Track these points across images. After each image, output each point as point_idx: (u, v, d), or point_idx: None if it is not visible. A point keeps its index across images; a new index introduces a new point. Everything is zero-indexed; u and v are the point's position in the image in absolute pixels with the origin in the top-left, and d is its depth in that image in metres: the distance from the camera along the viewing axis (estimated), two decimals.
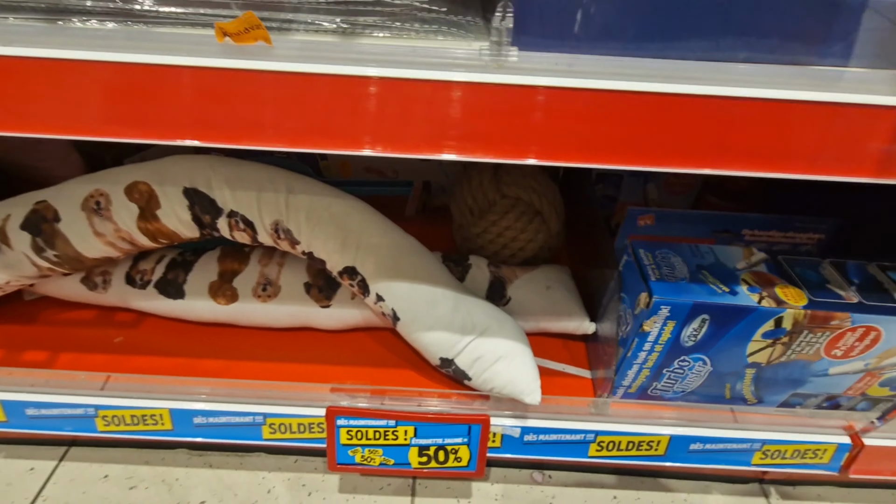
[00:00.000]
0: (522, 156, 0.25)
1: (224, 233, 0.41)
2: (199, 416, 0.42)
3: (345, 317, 0.45)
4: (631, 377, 0.42)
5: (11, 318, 0.48)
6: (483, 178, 0.50)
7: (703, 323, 0.38)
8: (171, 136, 0.25)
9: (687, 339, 0.39)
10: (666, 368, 0.41)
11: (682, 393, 0.44)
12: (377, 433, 0.41)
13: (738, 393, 0.43)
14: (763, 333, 0.38)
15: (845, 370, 0.40)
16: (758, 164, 0.25)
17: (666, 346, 0.39)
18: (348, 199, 0.41)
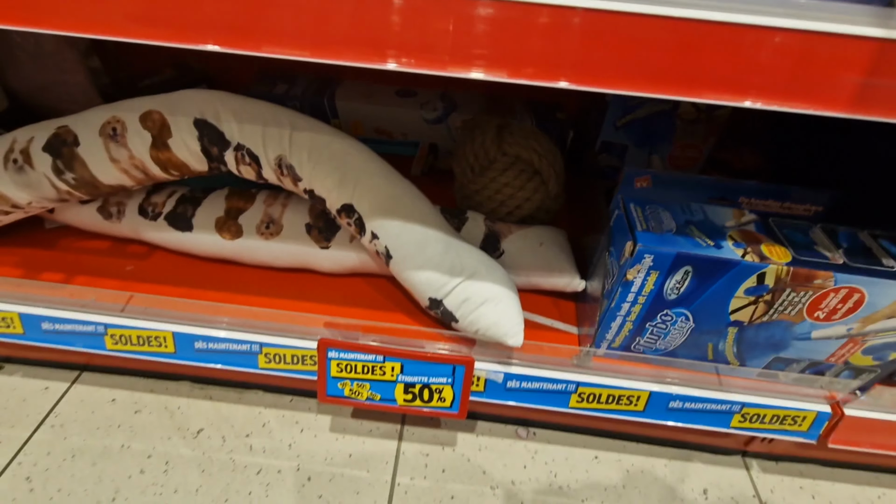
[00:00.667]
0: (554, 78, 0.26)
1: (231, 166, 0.42)
2: (200, 340, 0.44)
3: (342, 259, 0.47)
4: (614, 330, 0.43)
5: (33, 244, 0.51)
6: (486, 137, 0.51)
7: (686, 275, 0.38)
8: (196, 40, 0.26)
9: (670, 292, 0.39)
10: (649, 322, 0.42)
11: (664, 351, 0.44)
12: (366, 367, 0.43)
13: (721, 354, 0.43)
14: (745, 290, 0.38)
15: (828, 334, 0.40)
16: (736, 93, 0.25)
17: (649, 298, 0.40)
18: (349, 139, 0.42)
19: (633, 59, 0.25)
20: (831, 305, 0.38)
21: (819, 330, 0.40)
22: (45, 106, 0.64)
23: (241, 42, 0.27)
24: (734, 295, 0.39)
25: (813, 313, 0.39)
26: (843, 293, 0.37)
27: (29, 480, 0.47)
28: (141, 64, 0.71)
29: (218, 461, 0.49)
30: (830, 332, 0.40)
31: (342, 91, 0.67)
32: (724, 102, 0.26)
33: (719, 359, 0.44)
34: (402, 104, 0.66)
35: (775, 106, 0.25)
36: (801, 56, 0.24)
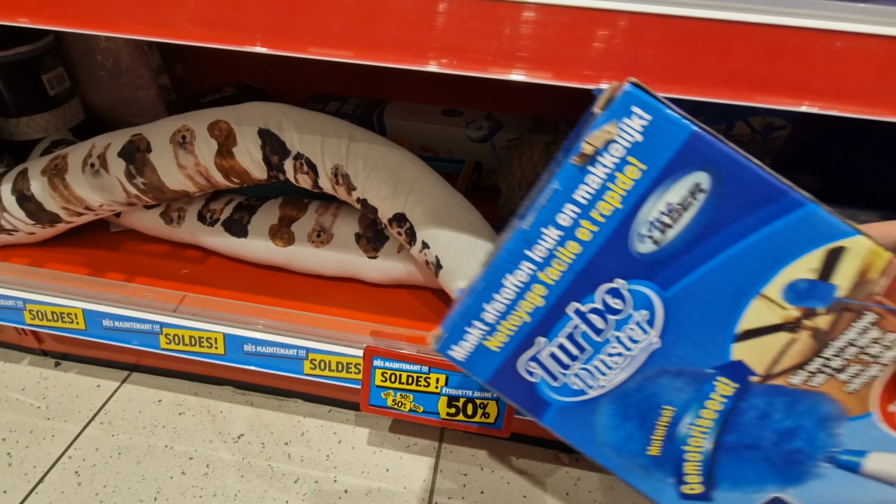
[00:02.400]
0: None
1: (289, 175, 0.44)
2: (250, 343, 0.45)
3: (389, 269, 0.47)
4: (499, 308, 0.23)
5: (98, 245, 0.54)
6: (534, 152, 0.51)
7: (694, 197, 0.20)
8: (245, 42, 0.28)
9: (644, 229, 0.20)
10: (574, 305, 0.21)
11: (578, 396, 0.23)
12: (410, 378, 0.42)
13: (678, 443, 0.22)
14: (789, 285, 0.20)
15: (891, 471, 0.20)
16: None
17: (604, 229, 0.20)
18: (404, 151, 0.43)
19: (674, 61, 0.25)
20: None
21: (884, 455, 0.21)
22: (117, 120, 0.69)
23: (287, 44, 0.28)
24: (764, 285, 0.20)
25: (889, 403, 0.20)
26: None
27: (77, 475, 0.48)
28: (204, 82, 0.76)
29: (257, 467, 0.49)
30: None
31: (390, 109, 0.69)
32: (780, 107, 0.26)
33: (671, 455, 0.22)
34: (448, 122, 0.67)
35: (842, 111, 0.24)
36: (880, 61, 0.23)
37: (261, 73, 0.77)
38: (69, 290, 0.47)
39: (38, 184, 0.46)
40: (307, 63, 0.76)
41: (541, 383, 0.23)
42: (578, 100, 0.72)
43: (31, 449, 0.50)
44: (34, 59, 0.58)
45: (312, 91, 0.77)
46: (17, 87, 0.57)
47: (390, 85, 0.75)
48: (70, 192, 0.46)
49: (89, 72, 0.66)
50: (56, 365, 0.58)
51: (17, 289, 0.47)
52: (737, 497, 0.23)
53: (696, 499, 0.23)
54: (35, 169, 0.46)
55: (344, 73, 0.76)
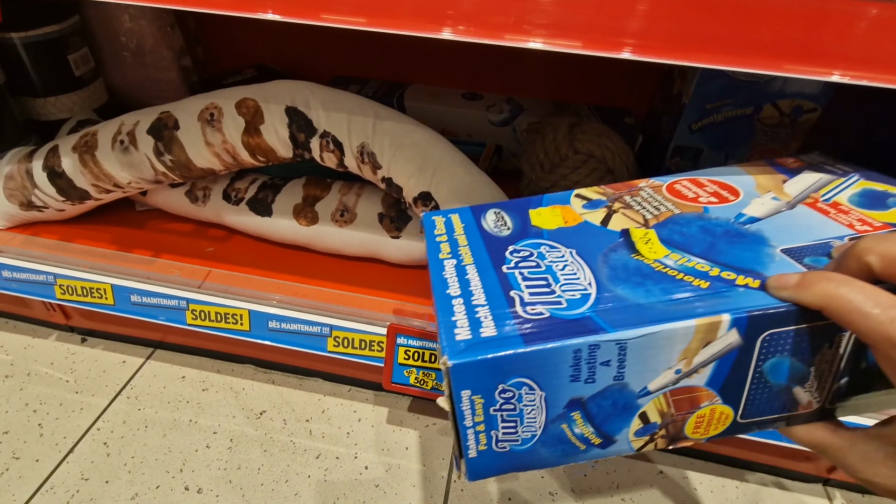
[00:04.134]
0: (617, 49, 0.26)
1: (315, 153, 0.44)
2: (274, 320, 0.45)
3: (411, 249, 0.48)
4: (460, 300, 0.25)
5: (124, 224, 0.55)
6: (557, 134, 0.51)
7: (500, 215, 0.30)
8: (255, 9, 0.27)
9: (495, 229, 0.29)
10: (504, 267, 0.26)
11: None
12: (433, 356, 0.43)
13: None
14: (583, 205, 0.30)
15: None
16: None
17: (472, 241, 0.28)
18: (430, 130, 0.43)
19: (699, 28, 0.24)
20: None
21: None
22: (140, 102, 0.69)
23: (299, 11, 0.27)
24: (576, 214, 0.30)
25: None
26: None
27: (106, 446, 0.49)
28: (224, 65, 0.76)
29: (279, 442, 0.50)
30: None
31: (411, 92, 0.69)
32: (808, 76, 0.25)
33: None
34: (469, 106, 0.67)
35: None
36: None
37: (281, 56, 0.77)
38: (98, 266, 0.48)
39: (69, 160, 0.47)
40: (327, 45, 0.76)
41: (553, 311, 0.24)
42: (599, 84, 0.71)
43: (62, 421, 0.51)
44: (60, 38, 0.58)
45: (332, 74, 0.77)
46: (44, 67, 0.58)
47: (410, 68, 0.75)
48: (100, 168, 0.46)
49: (113, 53, 0.66)
50: (82, 341, 0.59)
51: (48, 263, 0.48)
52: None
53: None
54: (66, 146, 0.47)
55: (364, 56, 0.76)
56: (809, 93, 0.50)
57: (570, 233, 0.28)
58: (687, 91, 0.52)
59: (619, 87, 0.69)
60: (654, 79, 0.67)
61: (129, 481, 0.46)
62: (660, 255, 0.26)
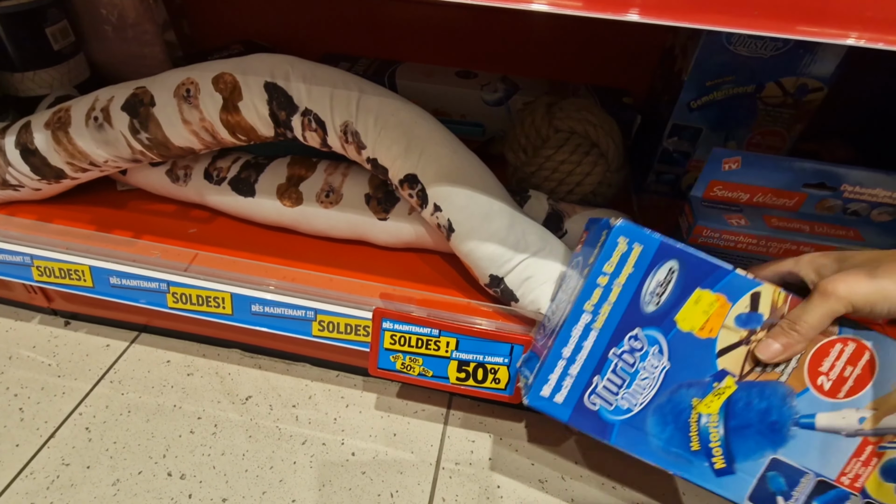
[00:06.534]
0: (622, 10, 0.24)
1: (297, 132, 0.42)
2: (257, 304, 0.44)
3: (399, 232, 0.46)
4: (564, 361, 0.33)
5: (105, 204, 0.53)
6: (535, 116, 0.49)
7: (671, 275, 0.31)
8: None
9: (648, 297, 0.31)
10: (613, 350, 0.32)
11: (631, 415, 0.32)
12: (420, 341, 0.41)
13: (705, 434, 0.32)
14: (736, 317, 0.31)
15: (836, 423, 0.31)
16: None
17: (619, 302, 0.31)
18: (416, 108, 0.41)
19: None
20: (837, 368, 0.30)
21: (826, 414, 0.31)
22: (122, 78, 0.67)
23: None
24: (724, 324, 0.31)
25: (816, 378, 0.30)
26: (850, 348, 0.30)
27: (88, 430, 0.48)
28: (211, 41, 0.74)
29: (265, 428, 0.49)
30: (840, 419, 0.30)
31: (402, 70, 0.67)
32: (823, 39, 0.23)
33: (703, 444, 0.32)
34: (463, 84, 0.65)
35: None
36: None
37: (269, 32, 0.74)
38: (76, 247, 0.46)
39: (42, 137, 0.45)
40: (317, 21, 0.73)
41: (601, 410, 0.33)
42: (597, 63, 0.69)
43: (43, 405, 0.50)
44: (37, 10, 0.56)
45: (323, 51, 0.74)
46: (20, 40, 0.56)
47: (403, 45, 0.72)
48: (74, 146, 0.44)
49: (94, 26, 0.64)
50: (66, 324, 0.58)
51: (25, 244, 0.47)
52: (749, 465, 0.32)
53: (725, 473, 0.32)
54: (38, 122, 0.45)
55: (355, 32, 0.73)
56: (815, 71, 0.48)
57: (688, 346, 0.32)
58: (687, 67, 0.50)
59: (618, 66, 0.67)
60: (653, 58, 0.64)
61: (111, 467, 0.46)
62: (705, 412, 0.32)
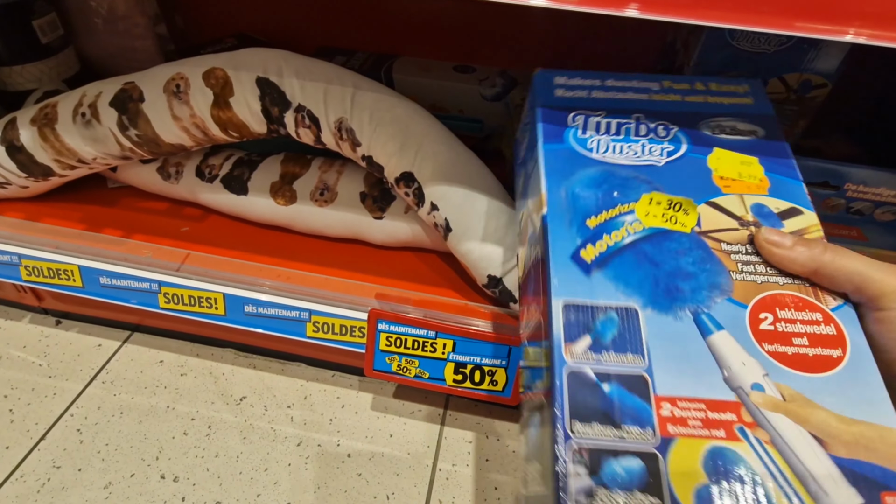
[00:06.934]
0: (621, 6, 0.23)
1: (290, 129, 0.41)
2: (251, 304, 0.43)
3: (395, 231, 0.45)
4: None
5: (95, 202, 0.52)
6: None
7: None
8: None
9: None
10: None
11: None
12: (416, 343, 0.41)
13: (610, 226, 0.28)
14: (758, 203, 0.28)
15: (730, 359, 0.24)
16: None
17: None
18: (412, 104, 0.40)
19: None
20: (791, 328, 0.25)
21: (732, 341, 0.25)
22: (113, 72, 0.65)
23: None
24: (742, 194, 0.29)
25: (763, 309, 0.26)
26: (826, 329, 0.25)
27: (79, 432, 0.48)
28: (204, 33, 0.72)
29: (259, 429, 0.49)
30: (739, 360, 0.24)
31: (399, 65, 0.66)
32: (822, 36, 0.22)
33: (599, 228, 0.28)
34: (461, 79, 0.64)
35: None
36: None
37: (263, 26, 0.73)
38: (65, 246, 0.46)
39: (28, 134, 0.44)
40: (312, 14, 0.72)
41: None
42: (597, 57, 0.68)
43: (34, 406, 0.49)
44: (24, 2, 0.55)
45: (318, 45, 0.73)
46: (7, 33, 0.55)
47: (400, 39, 0.71)
48: (61, 143, 0.43)
49: (83, 19, 0.62)
50: (57, 324, 0.57)
51: (13, 243, 0.46)
52: (606, 287, 0.25)
53: (581, 264, 0.26)
54: (24, 118, 0.44)
55: (351, 26, 0.72)
56: (820, 67, 0.47)
57: (697, 172, 0.29)
58: (688, 63, 0.49)
59: (618, 60, 0.66)
60: (654, 53, 0.63)
61: (103, 469, 0.45)
62: (638, 213, 0.28)
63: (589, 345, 0.23)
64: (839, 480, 0.20)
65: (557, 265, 0.25)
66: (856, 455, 0.21)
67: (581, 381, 0.22)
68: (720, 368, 0.23)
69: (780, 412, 0.22)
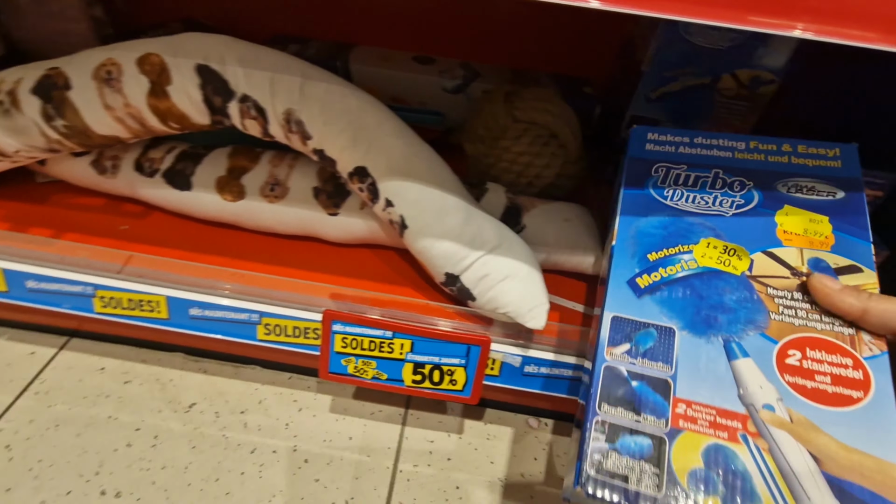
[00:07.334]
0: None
1: (235, 120, 0.39)
2: (196, 307, 0.41)
3: (351, 227, 0.44)
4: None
5: (22, 198, 0.48)
6: (494, 105, 0.47)
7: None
8: None
9: None
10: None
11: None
12: (373, 343, 0.39)
13: (667, 262, 0.32)
14: (815, 258, 0.31)
15: (748, 381, 0.28)
16: None
17: None
18: (366, 95, 0.39)
19: None
20: (818, 367, 0.28)
21: (754, 367, 0.28)
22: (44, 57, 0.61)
23: None
24: (802, 247, 0.32)
25: (792, 348, 0.29)
26: (855, 374, 0.27)
27: (9, 448, 0.44)
28: (147, 16, 0.68)
29: (210, 437, 0.46)
30: (757, 383, 0.27)
31: (357, 54, 0.64)
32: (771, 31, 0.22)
33: (657, 262, 0.32)
34: (420, 70, 0.62)
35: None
36: None
37: (214, 11, 0.69)
38: None
39: None
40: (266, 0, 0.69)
41: None
42: (559, 51, 0.67)
43: None
44: None
45: (272, 33, 0.70)
46: None
47: (358, 27, 0.69)
48: None
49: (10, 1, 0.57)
50: None
51: None
52: (652, 309, 0.30)
53: (635, 288, 0.31)
54: None
55: (307, 12, 0.69)
56: (769, 63, 0.48)
57: (760, 223, 0.32)
58: (645, 57, 0.49)
59: (580, 55, 0.66)
60: (614, 46, 0.63)
61: (36, 488, 0.42)
62: (697, 255, 0.32)
63: (627, 350, 0.28)
64: (825, 491, 0.23)
65: (614, 287, 0.30)
66: (849, 477, 0.23)
67: (615, 375, 0.28)
68: (738, 387, 0.27)
69: (784, 430, 0.25)
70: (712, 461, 0.24)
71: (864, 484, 0.23)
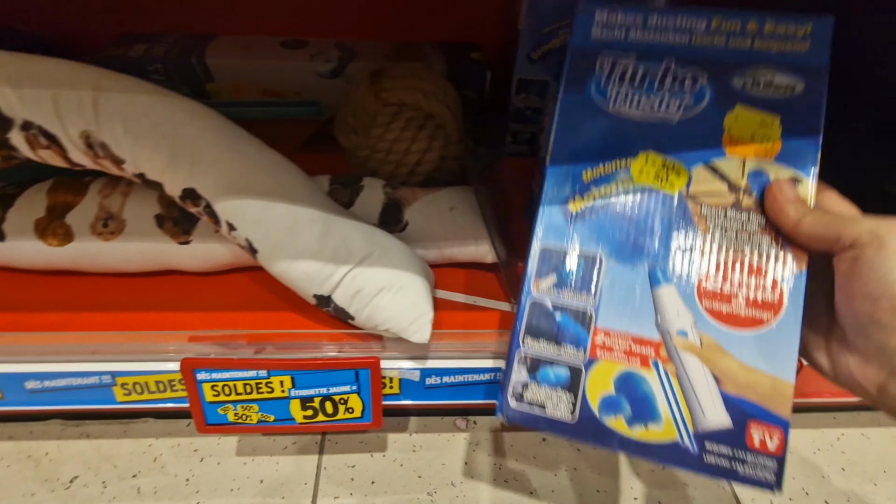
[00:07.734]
0: None
1: (24, 152, 0.32)
2: (32, 380, 0.34)
3: (211, 253, 0.38)
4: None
5: None
6: (359, 91, 0.42)
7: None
8: None
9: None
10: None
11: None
12: (248, 386, 0.34)
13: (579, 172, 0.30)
14: (752, 172, 0.29)
15: (667, 308, 0.29)
16: None
17: None
18: (178, 100, 0.32)
19: None
20: (738, 288, 0.28)
21: (675, 293, 0.29)
22: None
23: None
24: (746, 157, 0.29)
25: (713, 272, 0.29)
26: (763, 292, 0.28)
27: None
28: None
29: None
30: (674, 309, 0.28)
31: (215, 47, 0.56)
32: None
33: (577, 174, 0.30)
34: (290, 56, 0.55)
35: None
36: None
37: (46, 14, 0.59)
38: None
39: None
40: None
41: None
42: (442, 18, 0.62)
43: None
44: None
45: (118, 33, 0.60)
46: None
47: (215, 16, 0.60)
48: None
49: None
50: None
51: None
52: (581, 236, 0.29)
53: (566, 214, 0.29)
54: None
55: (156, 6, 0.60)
56: None
57: (705, 127, 0.29)
58: (522, 15, 0.44)
59: (465, 19, 0.60)
60: (499, 6, 0.58)
61: None
62: (634, 170, 0.29)
63: (554, 282, 0.28)
64: (718, 406, 0.26)
65: (545, 214, 0.29)
66: (743, 394, 0.26)
67: (540, 308, 0.28)
68: (656, 314, 0.27)
69: (693, 353, 0.26)
70: (622, 387, 0.27)
71: (754, 398, 0.25)
